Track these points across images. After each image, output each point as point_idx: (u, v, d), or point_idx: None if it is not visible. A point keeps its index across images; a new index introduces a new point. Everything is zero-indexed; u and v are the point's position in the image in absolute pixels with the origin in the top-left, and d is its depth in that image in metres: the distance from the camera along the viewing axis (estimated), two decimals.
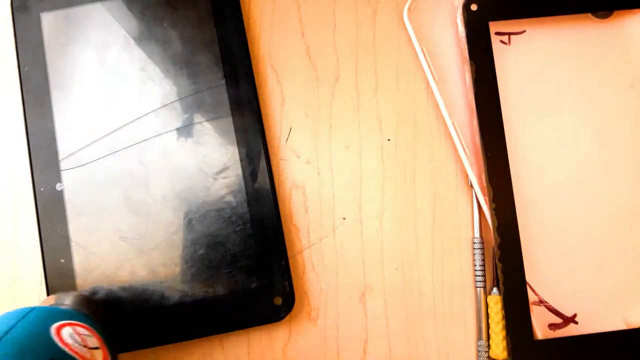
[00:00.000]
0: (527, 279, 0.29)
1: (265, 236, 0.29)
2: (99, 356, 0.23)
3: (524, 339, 0.28)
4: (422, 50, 0.31)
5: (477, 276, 0.30)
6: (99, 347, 0.23)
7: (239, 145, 0.30)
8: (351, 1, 0.33)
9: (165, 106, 0.30)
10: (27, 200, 0.30)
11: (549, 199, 0.31)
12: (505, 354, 0.28)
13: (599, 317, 0.29)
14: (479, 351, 0.29)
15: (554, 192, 0.31)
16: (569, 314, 0.30)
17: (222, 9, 0.31)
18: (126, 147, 0.30)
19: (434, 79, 0.31)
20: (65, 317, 0.23)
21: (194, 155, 0.30)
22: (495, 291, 0.30)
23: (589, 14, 0.32)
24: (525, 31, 0.32)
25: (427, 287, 0.31)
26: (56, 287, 0.28)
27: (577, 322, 0.29)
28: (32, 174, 0.29)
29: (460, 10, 0.31)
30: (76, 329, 0.23)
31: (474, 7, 0.31)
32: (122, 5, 0.31)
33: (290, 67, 0.32)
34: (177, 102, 0.30)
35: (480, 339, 0.30)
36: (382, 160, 0.32)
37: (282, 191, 0.31)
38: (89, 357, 0.22)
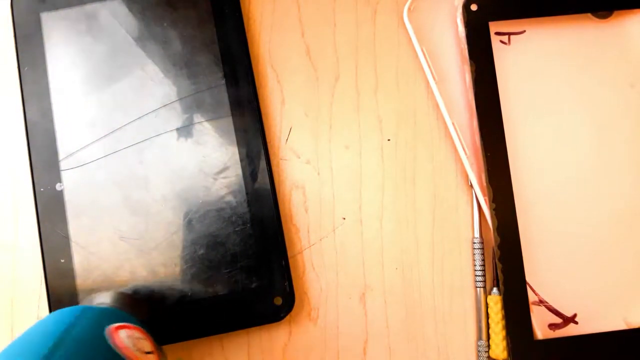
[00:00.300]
0: (527, 279, 0.29)
1: (265, 236, 0.29)
2: None
3: (524, 339, 0.28)
4: (422, 50, 0.31)
5: (477, 276, 0.30)
6: (152, 352, 0.22)
7: (239, 145, 0.30)
8: (351, 1, 0.33)
9: (165, 106, 0.30)
10: (27, 200, 0.30)
11: (549, 199, 0.31)
12: (505, 354, 0.28)
13: (599, 317, 0.29)
14: (479, 351, 0.29)
15: (554, 192, 0.31)
16: (569, 314, 0.30)
17: (222, 9, 0.31)
18: (126, 147, 0.30)
19: (434, 79, 0.31)
20: (119, 319, 0.22)
21: (194, 155, 0.30)
22: (495, 291, 0.30)
23: (589, 14, 0.32)
24: (525, 31, 0.32)
25: (427, 287, 0.31)
26: (56, 287, 0.28)
27: (577, 322, 0.29)
28: (32, 174, 0.29)
29: (460, 10, 0.31)
30: (131, 331, 0.22)
31: (474, 7, 0.31)
32: (122, 5, 0.31)
33: (290, 67, 0.32)
34: (177, 102, 0.30)
35: (480, 339, 0.30)
36: (382, 160, 0.32)
37: (282, 191, 0.31)
38: None
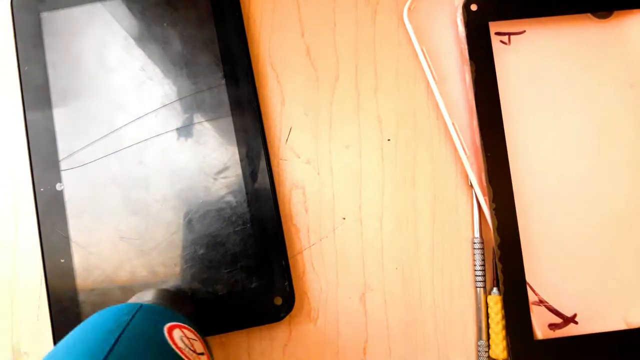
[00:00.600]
0: (527, 279, 0.29)
1: (265, 236, 0.29)
2: None
3: (524, 339, 0.28)
4: (422, 50, 0.31)
5: (477, 276, 0.30)
6: (204, 353, 0.22)
7: (239, 145, 0.30)
8: (351, 1, 0.33)
9: (165, 106, 0.30)
10: (27, 200, 0.30)
11: (549, 199, 0.31)
12: (505, 354, 0.28)
13: (599, 317, 0.29)
14: (479, 351, 0.29)
15: (554, 192, 0.31)
16: (569, 314, 0.30)
17: (222, 9, 0.31)
18: (126, 147, 0.30)
19: (434, 79, 0.31)
20: (173, 319, 0.22)
21: (194, 155, 0.30)
22: (495, 291, 0.30)
23: (589, 14, 0.32)
24: (525, 31, 0.32)
25: (427, 287, 0.31)
26: (56, 287, 0.28)
27: (577, 322, 0.29)
28: (32, 174, 0.29)
29: (460, 10, 0.31)
30: (184, 332, 0.21)
31: (474, 7, 0.31)
32: (122, 5, 0.31)
33: (290, 67, 0.32)
34: (177, 102, 0.30)
35: (480, 339, 0.30)
36: (382, 160, 0.32)
37: (282, 191, 0.31)
38: None
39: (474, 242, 0.30)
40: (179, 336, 0.20)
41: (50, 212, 0.29)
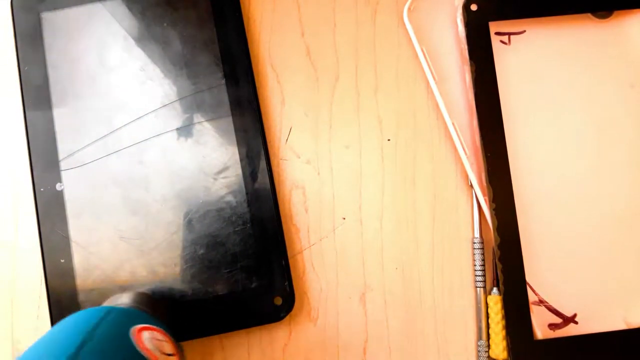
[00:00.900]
0: (527, 279, 0.29)
1: (265, 236, 0.29)
2: None
3: (524, 339, 0.28)
4: (422, 50, 0.31)
5: (477, 276, 0.30)
6: (173, 354, 0.22)
7: (239, 145, 0.30)
8: (351, 1, 0.33)
9: (165, 106, 0.30)
10: (27, 200, 0.30)
11: (549, 199, 0.31)
12: (505, 354, 0.28)
13: (599, 317, 0.29)
14: (479, 351, 0.29)
15: (554, 192, 0.31)
16: (569, 314, 0.30)
17: (222, 9, 0.31)
18: (126, 147, 0.30)
19: (434, 79, 0.31)
20: (142, 320, 0.22)
21: (194, 155, 0.30)
22: (495, 291, 0.30)
23: (589, 14, 0.32)
24: (525, 31, 0.32)
25: (427, 287, 0.31)
26: (56, 287, 0.28)
27: (577, 322, 0.29)
28: (32, 174, 0.29)
29: (460, 10, 0.31)
30: (153, 333, 0.22)
31: (474, 7, 0.31)
32: (122, 5, 0.31)
33: (290, 67, 0.32)
34: (177, 102, 0.30)
35: (480, 339, 0.30)
36: (382, 160, 0.32)
37: (282, 191, 0.31)
38: None
39: (474, 242, 0.30)
40: (147, 338, 0.21)
41: (50, 212, 0.29)
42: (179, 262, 0.29)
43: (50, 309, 0.28)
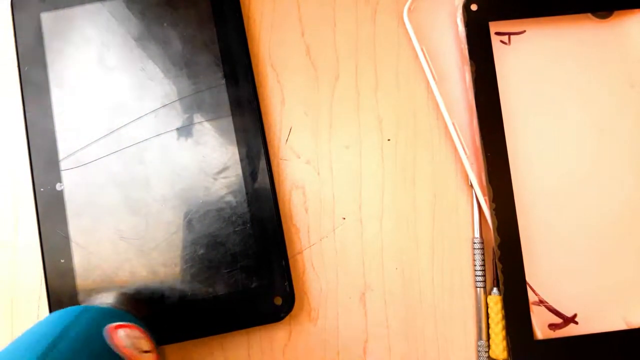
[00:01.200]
0: (527, 279, 0.29)
1: (265, 236, 0.29)
2: None
3: (524, 339, 0.28)
4: (422, 50, 0.31)
5: (477, 276, 0.30)
6: (150, 351, 0.23)
7: (239, 145, 0.30)
8: (351, 1, 0.33)
9: (165, 106, 0.30)
10: (27, 200, 0.30)
11: (549, 199, 0.31)
12: (505, 354, 0.28)
13: (599, 317, 0.29)
14: (479, 351, 0.29)
15: (554, 192, 0.31)
16: (569, 314, 0.30)
17: (222, 9, 0.31)
18: (126, 147, 0.30)
19: (434, 79, 0.31)
20: (117, 318, 0.23)
21: (194, 155, 0.30)
22: (495, 291, 0.30)
23: (589, 14, 0.32)
24: (525, 31, 0.32)
25: (427, 287, 0.31)
26: (56, 287, 0.28)
27: (577, 322, 0.29)
28: (32, 174, 0.29)
29: (460, 10, 0.31)
30: (129, 331, 0.22)
31: (474, 7, 0.31)
32: (122, 5, 0.31)
33: (290, 67, 0.32)
34: (177, 102, 0.30)
35: (480, 339, 0.30)
36: (382, 160, 0.32)
37: (282, 191, 0.31)
38: None
39: (474, 242, 0.30)
40: (122, 335, 0.21)
41: (50, 212, 0.29)
42: (179, 262, 0.29)
43: (50, 309, 0.28)
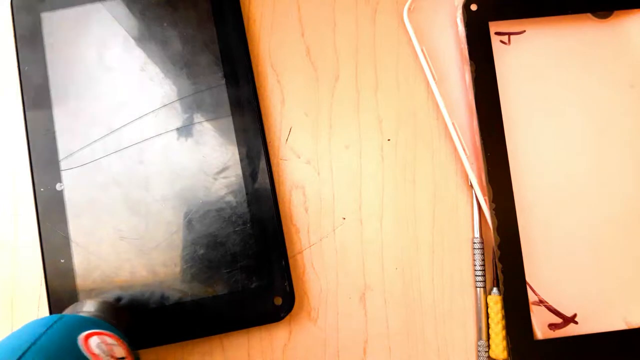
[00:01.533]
0: (527, 279, 0.29)
1: (265, 236, 0.29)
2: None
3: (524, 339, 0.28)
4: (422, 50, 0.31)
5: (477, 276, 0.30)
6: (125, 357, 0.23)
7: (239, 145, 0.30)
8: (351, 1, 0.33)
9: (165, 106, 0.30)
10: (27, 200, 0.30)
11: (549, 199, 0.31)
12: (505, 354, 0.28)
13: (599, 317, 0.29)
14: (479, 351, 0.29)
15: (554, 192, 0.31)
16: (569, 314, 0.30)
17: (222, 9, 0.31)
18: (126, 147, 0.30)
19: (434, 79, 0.31)
20: (92, 326, 0.23)
21: (194, 155, 0.30)
22: (495, 291, 0.30)
23: (589, 14, 0.32)
24: (525, 31, 0.32)
25: (427, 287, 0.31)
26: (56, 287, 0.28)
27: (577, 322, 0.29)
28: (32, 174, 0.29)
29: (460, 10, 0.31)
30: (103, 338, 0.22)
31: (474, 7, 0.31)
32: (122, 5, 0.31)
33: (290, 67, 0.32)
34: (177, 102, 0.30)
35: (480, 339, 0.30)
36: (382, 160, 0.32)
37: (282, 191, 0.31)
38: None
39: (474, 242, 0.30)
40: (96, 343, 0.22)
41: (50, 212, 0.29)
42: (179, 262, 0.29)
43: (50, 309, 0.28)
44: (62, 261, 0.29)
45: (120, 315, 0.27)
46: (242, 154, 0.30)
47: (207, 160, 0.30)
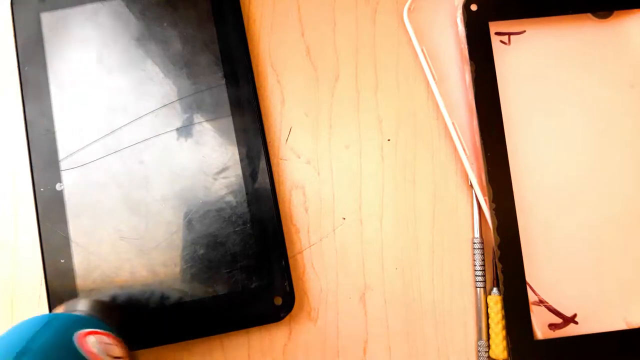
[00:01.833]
0: (527, 279, 0.29)
1: (265, 236, 0.29)
2: None
3: (524, 339, 0.28)
4: (422, 50, 0.31)
5: (477, 276, 0.30)
6: (122, 357, 0.23)
7: (239, 145, 0.30)
8: (351, 1, 0.33)
9: (165, 106, 0.30)
10: (27, 200, 0.30)
11: (549, 199, 0.31)
12: (505, 354, 0.28)
13: (599, 317, 0.29)
14: (479, 351, 0.29)
15: (554, 192, 0.31)
16: (569, 314, 0.30)
17: (222, 9, 0.31)
18: (126, 147, 0.30)
19: (434, 79, 0.31)
20: (89, 325, 0.23)
21: (194, 155, 0.30)
22: (495, 291, 0.30)
23: (589, 14, 0.32)
24: (525, 31, 0.32)
25: (427, 287, 0.31)
26: (56, 287, 0.28)
27: (577, 322, 0.29)
28: (32, 174, 0.29)
29: (460, 10, 0.31)
30: (100, 337, 0.22)
31: (474, 7, 0.31)
32: (122, 5, 0.31)
33: (290, 67, 0.32)
34: (177, 102, 0.30)
35: (480, 339, 0.30)
36: (382, 160, 0.32)
37: (282, 191, 0.31)
38: None
39: (474, 242, 0.30)
40: (92, 342, 0.21)
41: (50, 212, 0.29)
42: (179, 262, 0.29)
43: (50, 310, 0.28)
44: (62, 261, 0.29)
45: (113, 314, 0.27)
46: (242, 154, 0.30)
47: (207, 160, 0.30)
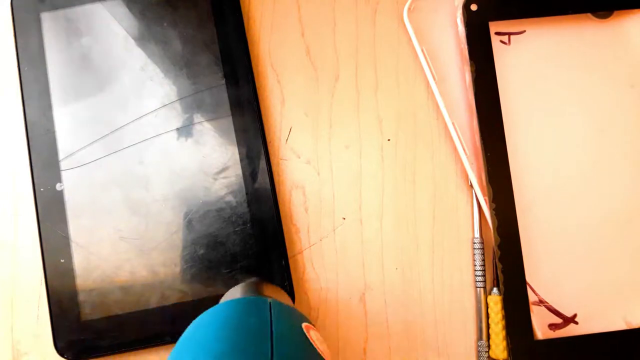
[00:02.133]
0: (527, 279, 0.29)
1: (265, 236, 0.29)
2: None
3: (524, 339, 0.28)
4: (422, 50, 0.31)
5: (477, 276, 0.30)
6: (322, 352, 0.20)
7: (239, 145, 0.30)
8: (351, 1, 0.33)
9: (165, 106, 0.30)
10: (27, 200, 0.30)
11: (549, 199, 0.31)
12: (505, 354, 0.28)
13: (599, 317, 0.29)
14: (479, 351, 0.29)
15: (554, 192, 0.31)
16: (569, 314, 0.30)
17: (222, 9, 0.31)
18: (126, 147, 0.30)
19: (434, 79, 0.31)
20: (303, 318, 0.19)
21: (194, 155, 0.30)
22: (495, 291, 0.30)
23: (589, 14, 0.32)
24: (525, 31, 0.32)
25: (427, 287, 0.31)
26: (56, 287, 0.28)
27: (577, 322, 0.29)
28: (32, 174, 0.29)
29: (460, 10, 0.31)
30: (316, 332, 0.19)
31: (474, 7, 0.31)
32: (122, 5, 0.31)
33: (290, 67, 0.32)
34: (177, 102, 0.30)
35: (480, 339, 0.30)
36: (382, 160, 0.32)
37: (282, 191, 0.31)
38: None
39: (474, 242, 0.30)
40: (315, 337, 0.19)
41: (50, 212, 0.29)
42: (179, 262, 0.29)
43: (50, 309, 0.28)
44: (62, 261, 0.29)
45: (286, 300, 0.22)
46: (242, 154, 0.30)
47: (207, 160, 0.30)
